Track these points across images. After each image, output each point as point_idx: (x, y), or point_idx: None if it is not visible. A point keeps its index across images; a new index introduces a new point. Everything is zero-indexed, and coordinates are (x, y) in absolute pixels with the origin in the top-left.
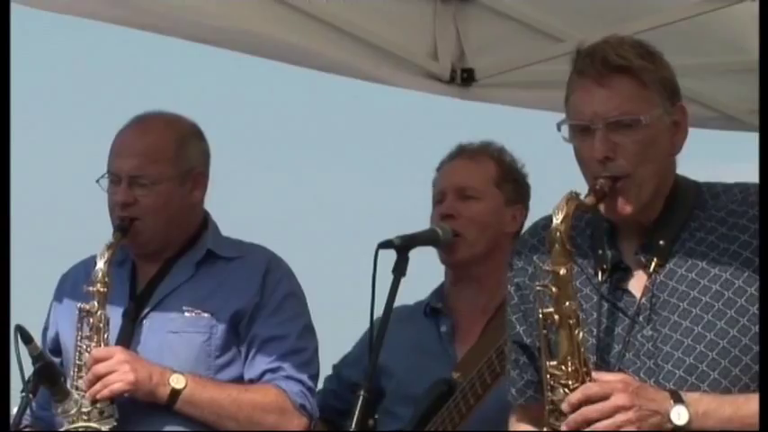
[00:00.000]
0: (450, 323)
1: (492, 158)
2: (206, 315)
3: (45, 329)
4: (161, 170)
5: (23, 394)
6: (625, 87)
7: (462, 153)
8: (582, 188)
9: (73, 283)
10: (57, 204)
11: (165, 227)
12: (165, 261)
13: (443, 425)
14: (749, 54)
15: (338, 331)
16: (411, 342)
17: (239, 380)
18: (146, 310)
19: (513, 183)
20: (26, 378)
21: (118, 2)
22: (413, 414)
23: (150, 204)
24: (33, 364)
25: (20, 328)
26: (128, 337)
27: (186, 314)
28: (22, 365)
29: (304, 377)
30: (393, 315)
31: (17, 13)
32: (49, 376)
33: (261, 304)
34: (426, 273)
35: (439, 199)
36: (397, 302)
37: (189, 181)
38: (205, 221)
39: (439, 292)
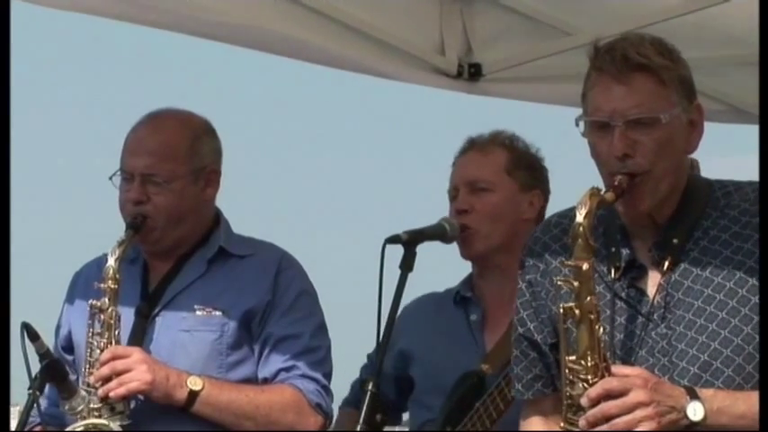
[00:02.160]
0: (479, 312)
1: (503, 146)
2: (217, 313)
3: (58, 327)
4: (174, 168)
5: (30, 392)
6: (645, 85)
7: (473, 146)
8: (590, 181)
9: (85, 282)
10: (68, 202)
11: (177, 225)
12: (178, 258)
13: (480, 421)
14: (758, 46)
15: (346, 327)
16: (440, 330)
17: (251, 378)
18: (158, 308)
19: (526, 168)
20: (33, 375)
21: None
22: (443, 406)
23: (163, 203)
24: (40, 361)
25: (26, 326)
26: (140, 335)
27: (198, 312)
28: (28, 363)
29: (318, 376)
30: (422, 301)
31: (19, 9)
32: (56, 373)
33: (273, 303)
34: (438, 267)
35: (453, 195)
36: (406, 296)
37: (202, 179)
38: (217, 218)
39: (468, 282)
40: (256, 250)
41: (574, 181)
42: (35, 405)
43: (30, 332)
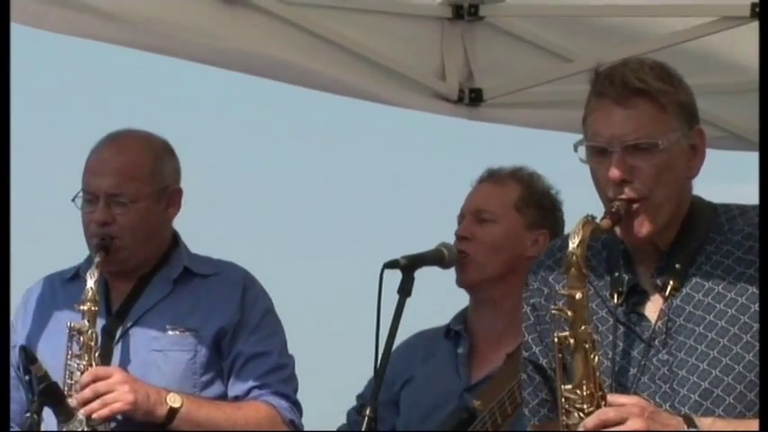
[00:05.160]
0: (467, 345)
1: (519, 182)
2: (189, 333)
3: (14, 347)
4: (138, 188)
5: (28, 414)
6: (644, 111)
7: (490, 176)
8: (590, 209)
9: (38, 302)
10: (43, 222)
11: (142, 244)
12: (140, 278)
13: None
14: (758, 73)
15: (343, 351)
16: (428, 364)
17: (223, 396)
18: (124, 328)
19: (536, 207)
20: (31, 398)
21: (121, 24)
22: None
23: (128, 223)
24: (38, 384)
25: (24, 349)
26: (108, 355)
27: (170, 332)
28: (31, 386)
29: (290, 392)
30: (419, 337)
31: (21, 33)
32: (54, 396)
33: (242, 321)
34: (435, 292)
35: (460, 221)
36: (404, 322)
37: (164, 198)
38: (175, 239)
39: (461, 315)
40: (219, 269)
41: (573, 207)
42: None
43: (28, 355)
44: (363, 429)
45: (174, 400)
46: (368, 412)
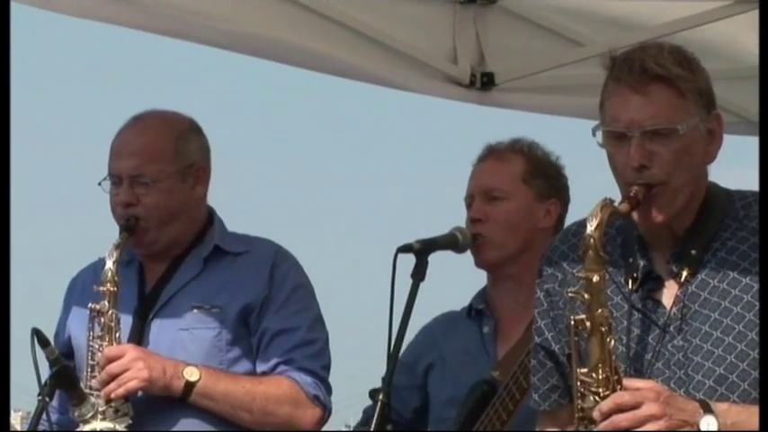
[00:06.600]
0: (492, 324)
1: (521, 154)
2: (215, 310)
3: (56, 334)
4: (161, 168)
5: (40, 398)
6: (662, 96)
7: (490, 154)
8: (600, 193)
9: (82, 286)
10: (71, 208)
11: (169, 224)
12: (173, 259)
13: (491, 425)
14: None
15: (357, 336)
16: (454, 344)
17: (251, 373)
18: (155, 309)
19: (543, 177)
20: (43, 381)
21: (134, 7)
22: (456, 416)
23: (152, 203)
24: (50, 367)
25: (36, 332)
26: (138, 337)
27: (195, 311)
28: (38, 369)
29: (316, 368)
30: (440, 320)
31: (31, 15)
32: (67, 380)
33: (270, 297)
34: (450, 277)
35: (469, 202)
36: (418, 306)
37: (190, 177)
38: (210, 217)
39: (481, 294)
40: (251, 247)
41: (587, 193)
42: (45, 411)
43: (40, 338)
44: (377, 414)
45: (191, 374)
46: (380, 397)
